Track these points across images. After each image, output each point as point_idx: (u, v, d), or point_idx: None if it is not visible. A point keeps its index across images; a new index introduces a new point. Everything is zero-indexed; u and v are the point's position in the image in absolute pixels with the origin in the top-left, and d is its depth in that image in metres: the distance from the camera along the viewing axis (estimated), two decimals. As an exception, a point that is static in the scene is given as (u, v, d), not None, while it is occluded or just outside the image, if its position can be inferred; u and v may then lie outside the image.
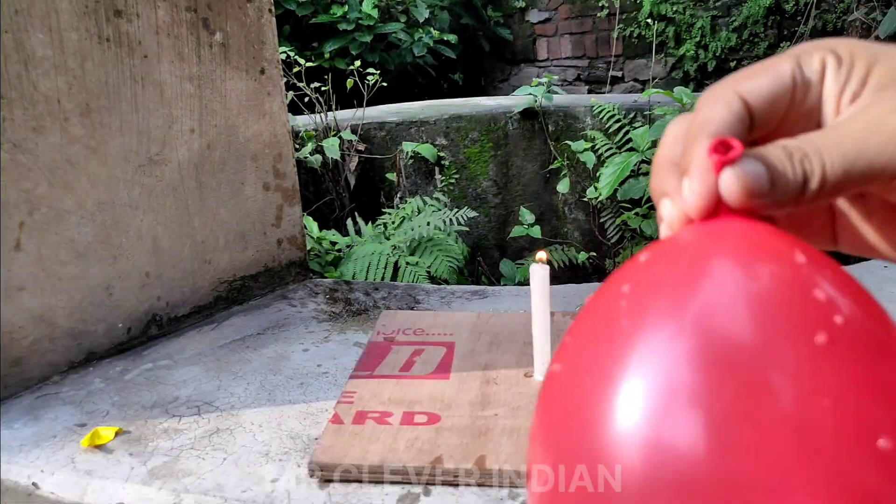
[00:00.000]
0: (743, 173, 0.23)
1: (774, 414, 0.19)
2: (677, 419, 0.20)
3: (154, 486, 0.49)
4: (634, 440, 0.20)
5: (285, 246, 0.85)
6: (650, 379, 0.21)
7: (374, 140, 1.98)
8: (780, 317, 0.21)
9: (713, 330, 0.21)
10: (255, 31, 0.77)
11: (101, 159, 0.66)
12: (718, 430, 0.19)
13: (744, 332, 0.21)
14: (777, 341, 0.20)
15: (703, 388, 0.20)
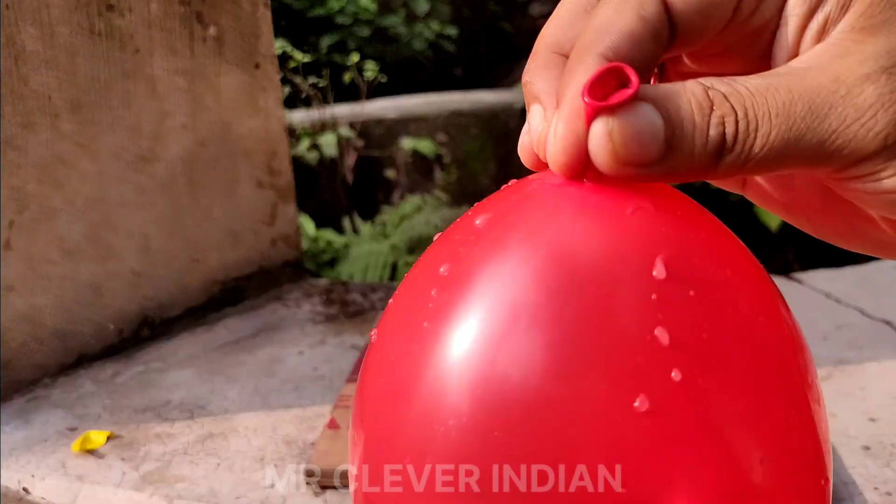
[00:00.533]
0: (625, 130, 0.16)
1: (615, 341, 0.18)
2: (516, 343, 0.18)
3: (146, 492, 0.48)
4: (470, 366, 0.19)
5: (280, 245, 0.84)
6: (494, 301, 0.19)
7: (373, 136, 1.97)
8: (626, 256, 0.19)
9: (563, 254, 0.19)
10: (250, 25, 0.76)
11: (92, 156, 0.65)
12: (559, 353, 0.18)
13: (592, 262, 0.19)
14: (621, 277, 0.18)
15: (546, 309, 0.18)
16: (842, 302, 0.72)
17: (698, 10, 0.17)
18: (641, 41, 0.17)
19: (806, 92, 0.16)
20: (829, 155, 0.16)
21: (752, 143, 0.16)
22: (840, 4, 0.17)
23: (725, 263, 0.19)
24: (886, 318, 0.68)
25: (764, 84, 0.16)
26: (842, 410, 0.54)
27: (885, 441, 0.50)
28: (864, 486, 0.45)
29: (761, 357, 0.19)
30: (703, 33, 0.18)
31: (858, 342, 0.64)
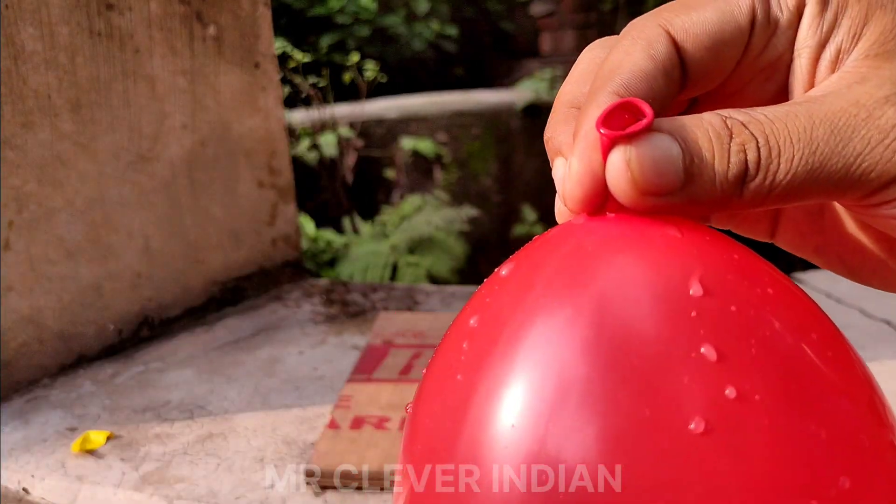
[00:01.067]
0: (643, 158, 0.15)
1: (677, 422, 0.17)
2: (567, 419, 0.17)
3: (146, 493, 0.48)
4: (516, 441, 0.18)
5: (280, 245, 0.84)
6: (538, 373, 0.18)
7: (373, 136, 1.97)
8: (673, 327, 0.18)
9: (611, 322, 0.18)
10: (250, 25, 0.76)
11: (92, 156, 0.64)
12: (616, 435, 0.17)
13: (645, 331, 0.18)
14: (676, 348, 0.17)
15: (598, 386, 0.17)
16: (843, 302, 0.72)
17: (708, 48, 0.17)
18: (652, 79, 0.17)
19: (827, 116, 0.16)
20: (856, 179, 0.16)
21: (775, 169, 0.16)
22: (851, 34, 0.17)
23: (764, 282, 0.18)
24: (887, 318, 0.68)
25: (783, 111, 0.16)
26: (842, 411, 0.54)
27: (885, 442, 0.50)
28: (865, 487, 0.45)
29: (821, 371, 0.18)
30: (716, 72, 0.18)
31: (859, 342, 0.64)
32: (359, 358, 0.63)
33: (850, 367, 0.19)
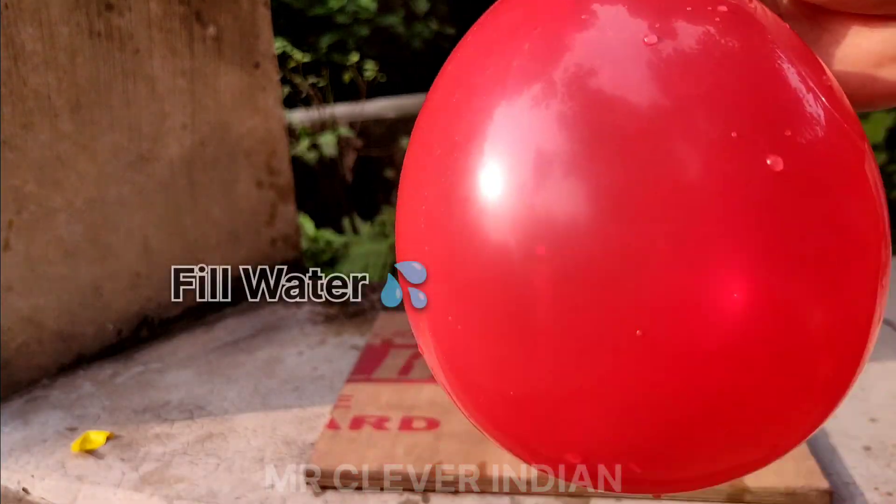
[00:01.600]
0: None
1: (672, 177, 0.17)
2: (553, 190, 0.18)
3: (146, 493, 0.48)
4: (503, 216, 0.19)
5: (279, 245, 0.84)
6: (514, 150, 0.19)
7: (373, 136, 1.97)
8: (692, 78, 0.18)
9: (595, 91, 0.18)
10: (250, 25, 0.76)
11: (91, 156, 0.64)
12: (607, 199, 0.17)
13: (638, 93, 0.18)
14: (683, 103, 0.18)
15: (583, 156, 0.18)
16: (842, 302, 0.72)
17: None
18: None
19: None
20: None
21: None
22: None
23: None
24: (887, 317, 0.68)
25: None
26: (842, 411, 0.54)
27: (885, 441, 0.50)
28: (865, 487, 0.45)
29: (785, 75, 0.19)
30: None
31: (859, 342, 0.64)
32: (358, 358, 0.63)
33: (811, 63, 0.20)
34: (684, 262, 0.17)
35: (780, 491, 0.44)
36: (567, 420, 0.19)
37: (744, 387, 0.18)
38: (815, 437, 0.51)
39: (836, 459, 0.48)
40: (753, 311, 0.18)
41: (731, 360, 0.18)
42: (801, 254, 0.18)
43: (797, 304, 0.18)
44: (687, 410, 0.18)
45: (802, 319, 0.18)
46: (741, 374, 0.18)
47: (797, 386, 0.19)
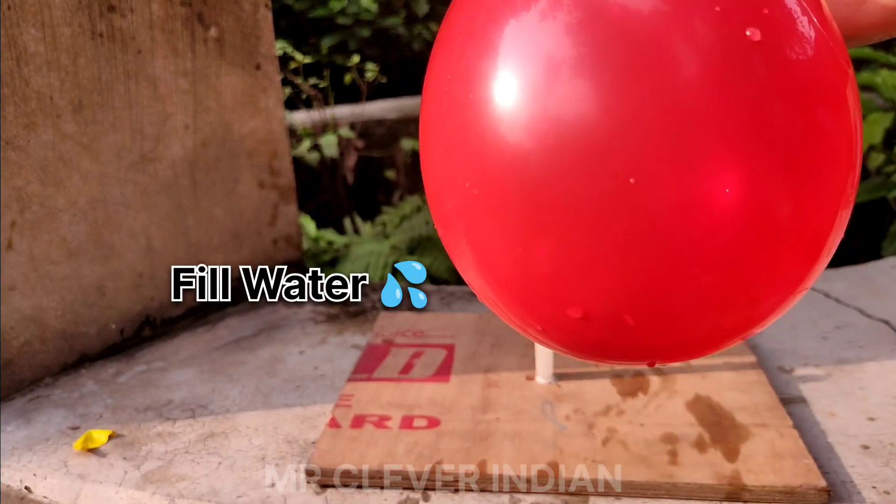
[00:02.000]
0: None
1: (669, 71, 0.19)
2: (563, 91, 0.20)
3: (148, 491, 0.48)
4: (519, 120, 0.21)
5: (281, 245, 0.84)
6: (525, 56, 0.21)
7: (373, 137, 1.97)
8: None
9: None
10: (251, 26, 0.76)
11: (94, 156, 0.65)
12: (610, 96, 0.20)
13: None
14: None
15: (588, 58, 0.20)
16: (841, 301, 0.72)
17: None
18: None
19: None
20: None
21: None
22: None
23: None
24: (886, 317, 0.68)
25: None
26: (841, 410, 0.54)
27: (884, 440, 0.50)
28: (863, 485, 0.46)
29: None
30: None
31: (858, 342, 0.64)
32: (359, 357, 0.63)
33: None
34: (675, 144, 0.19)
35: (779, 489, 0.44)
36: (569, 277, 0.22)
37: (725, 253, 0.20)
38: (812, 435, 0.51)
39: (834, 458, 0.48)
40: (735, 190, 0.19)
41: (714, 232, 0.20)
42: (779, 144, 0.20)
43: (773, 189, 0.20)
44: (674, 270, 0.21)
45: (776, 203, 0.20)
46: (722, 243, 0.20)
47: (770, 256, 0.21)
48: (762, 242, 0.21)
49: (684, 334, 0.25)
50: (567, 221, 0.22)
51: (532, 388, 0.57)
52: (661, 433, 0.50)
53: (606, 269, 0.22)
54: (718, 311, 0.23)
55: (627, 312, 0.23)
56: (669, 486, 0.45)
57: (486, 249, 0.25)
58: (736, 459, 0.47)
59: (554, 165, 0.21)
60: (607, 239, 0.21)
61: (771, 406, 0.52)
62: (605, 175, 0.21)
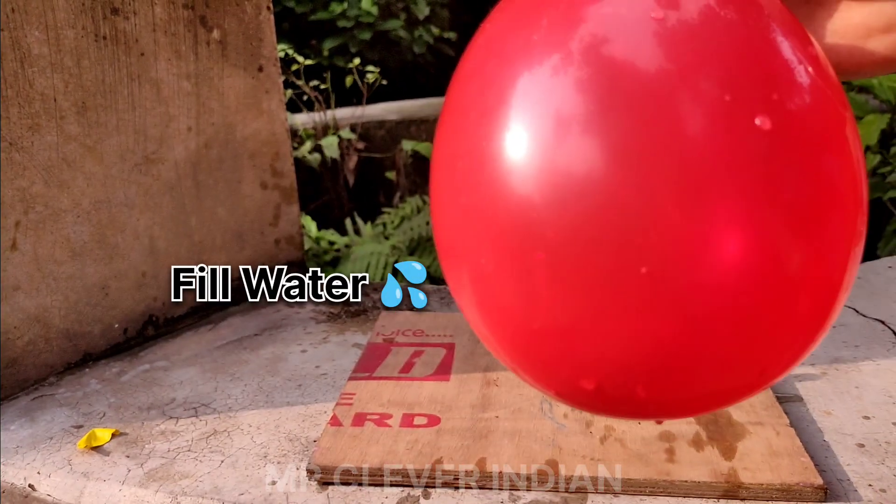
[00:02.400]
0: None
1: (675, 135, 0.20)
2: (572, 147, 0.21)
3: (151, 489, 0.48)
4: (528, 171, 0.22)
5: (283, 245, 0.85)
6: (537, 110, 0.22)
7: (374, 138, 1.97)
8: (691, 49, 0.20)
9: (608, 58, 0.21)
10: (254, 29, 0.77)
11: (98, 158, 0.65)
12: (618, 155, 0.20)
13: (645, 60, 0.21)
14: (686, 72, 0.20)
15: (598, 116, 0.21)
16: (838, 302, 0.73)
17: None
18: None
19: None
20: None
21: None
22: None
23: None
24: (880, 317, 0.69)
25: None
26: (837, 408, 0.54)
27: (879, 439, 0.50)
28: (859, 484, 0.46)
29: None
30: None
31: (853, 341, 0.65)
32: (360, 356, 0.64)
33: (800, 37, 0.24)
34: (685, 207, 0.19)
35: (776, 487, 0.45)
36: (582, 349, 0.22)
37: (736, 316, 0.20)
38: (809, 434, 0.52)
39: (831, 456, 0.49)
40: (745, 252, 0.20)
41: (726, 294, 0.20)
42: (787, 202, 0.20)
43: (783, 247, 0.20)
44: (686, 338, 0.21)
45: (787, 259, 0.20)
46: (734, 306, 0.20)
47: (781, 317, 0.21)
48: (772, 311, 0.22)
49: (694, 400, 0.25)
50: (579, 294, 0.22)
51: (531, 387, 0.57)
52: (659, 431, 0.50)
53: (619, 340, 0.22)
54: (729, 376, 0.24)
55: (639, 384, 0.23)
56: (667, 483, 0.45)
57: (502, 319, 0.25)
58: (733, 457, 0.47)
59: (564, 223, 0.22)
60: (618, 314, 0.22)
61: (767, 404, 0.53)
62: (618, 251, 0.21)
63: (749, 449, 0.48)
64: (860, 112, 1.28)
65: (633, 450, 0.48)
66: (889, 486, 0.46)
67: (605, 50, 0.22)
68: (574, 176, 0.21)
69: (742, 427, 0.50)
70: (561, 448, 0.49)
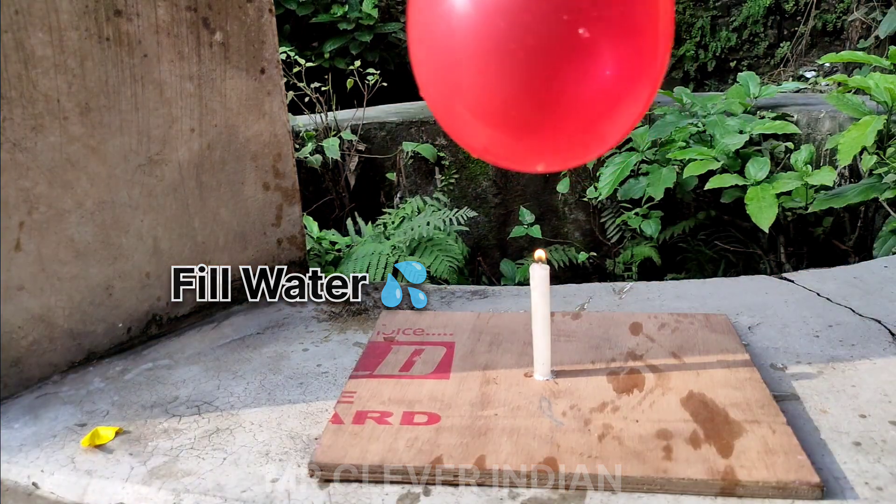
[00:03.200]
0: None
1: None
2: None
3: (154, 486, 0.49)
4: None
5: (285, 246, 0.85)
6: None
7: (375, 140, 1.98)
8: None
9: None
10: (255, 31, 0.77)
11: (101, 159, 0.66)
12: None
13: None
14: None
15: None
16: (833, 301, 0.73)
17: None
18: None
19: None
20: None
21: None
22: None
23: None
24: (876, 316, 0.69)
25: None
26: (833, 407, 0.55)
27: (875, 437, 0.51)
28: (856, 482, 0.46)
29: None
30: None
31: (849, 340, 0.65)
32: (362, 354, 0.64)
33: None
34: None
35: (772, 485, 0.45)
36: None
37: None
38: (805, 432, 0.52)
39: (827, 454, 0.49)
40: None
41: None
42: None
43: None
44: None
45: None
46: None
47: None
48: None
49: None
50: None
51: (530, 385, 0.58)
52: (656, 429, 0.51)
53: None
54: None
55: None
56: (664, 481, 0.46)
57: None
58: (729, 455, 0.48)
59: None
60: None
61: (764, 403, 0.53)
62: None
63: (745, 447, 0.48)
64: (857, 114, 1.29)
65: (631, 447, 0.49)
66: (885, 483, 0.46)
67: None
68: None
69: (738, 425, 0.51)
70: (559, 446, 0.49)
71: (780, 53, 3.47)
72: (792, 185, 1.31)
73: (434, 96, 0.46)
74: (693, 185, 1.56)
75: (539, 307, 0.56)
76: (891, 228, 1.21)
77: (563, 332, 0.66)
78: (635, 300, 0.77)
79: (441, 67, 0.44)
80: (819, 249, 1.55)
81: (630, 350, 0.63)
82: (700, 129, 1.56)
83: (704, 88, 3.62)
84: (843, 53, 1.43)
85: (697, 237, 1.69)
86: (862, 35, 3.14)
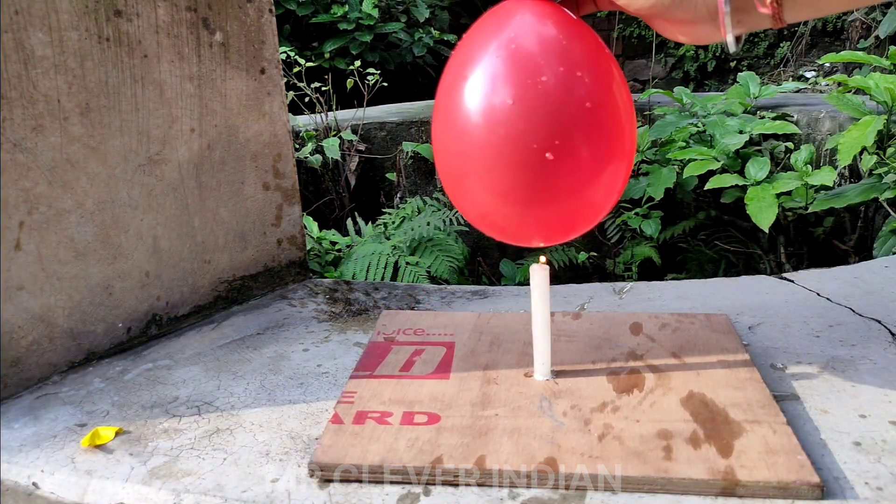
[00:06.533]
0: None
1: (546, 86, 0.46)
2: (498, 90, 0.47)
3: (154, 486, 0.49)
4: (477, 104, 0.47)
5: (285, 246, 0.85)
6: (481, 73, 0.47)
7: (375, 140, 1.98)
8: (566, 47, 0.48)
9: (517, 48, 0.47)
10: (256, 31, 0.77)
11: (101, 159, 0.66)
12: (516, 92, 0.46)
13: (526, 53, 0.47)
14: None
15: (509, 75, 0.47)
16: (833, 301, 0.73)
17: None
18: None
19: None
20: None
21: None
22: None
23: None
24: (876, 316, 0.69)
25: None
26: (833, 407, 0.55)
27: (875, 437, 0.51)
28: (856, 482, 0.46)
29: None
30: None
31: (850, 340, 0.65)
32: (362, 355, 0.64)
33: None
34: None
35: (772, 485, 0.45)
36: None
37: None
38: (805, 432, 0.52)
39: (827, 454, 0.49)
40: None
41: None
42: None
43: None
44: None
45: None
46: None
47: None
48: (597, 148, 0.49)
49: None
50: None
51: (530, 385, 0.58)
52: (656, 429, 0.51)
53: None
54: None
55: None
56: (665, 481, 0.46)
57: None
58: (730, 455, 0.48)
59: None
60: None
61: (764, 403, 0.53)
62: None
63: (746, 447, 0.48)
64: (857, 114, 1.29)
65: (631, 447, 0.49)
66: (885, 483, 0.46)
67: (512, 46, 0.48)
68: (497, 111, 0.47)
69: (739, 425, 0.51)
70: (560, 446, 0.49)
71: (780, 53, 3.47)
72: (792, 185, 1.31)
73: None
74: (693, 185, 1.57)
75: (539, 307, 0.56)
76: (891, 228, 1.21)
77: (563, 332, 0.66)
78: (636, 300, 0.77)
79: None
80: (819, 249, 1.55)
81: (631, 350, 0.63)
82: (700, 129, 1.56)
83: (704, 88, 3.63)
84: (843, 53, 1.43)
85: (697, 237, 1.69)
86: (862, 35, 3.14)
